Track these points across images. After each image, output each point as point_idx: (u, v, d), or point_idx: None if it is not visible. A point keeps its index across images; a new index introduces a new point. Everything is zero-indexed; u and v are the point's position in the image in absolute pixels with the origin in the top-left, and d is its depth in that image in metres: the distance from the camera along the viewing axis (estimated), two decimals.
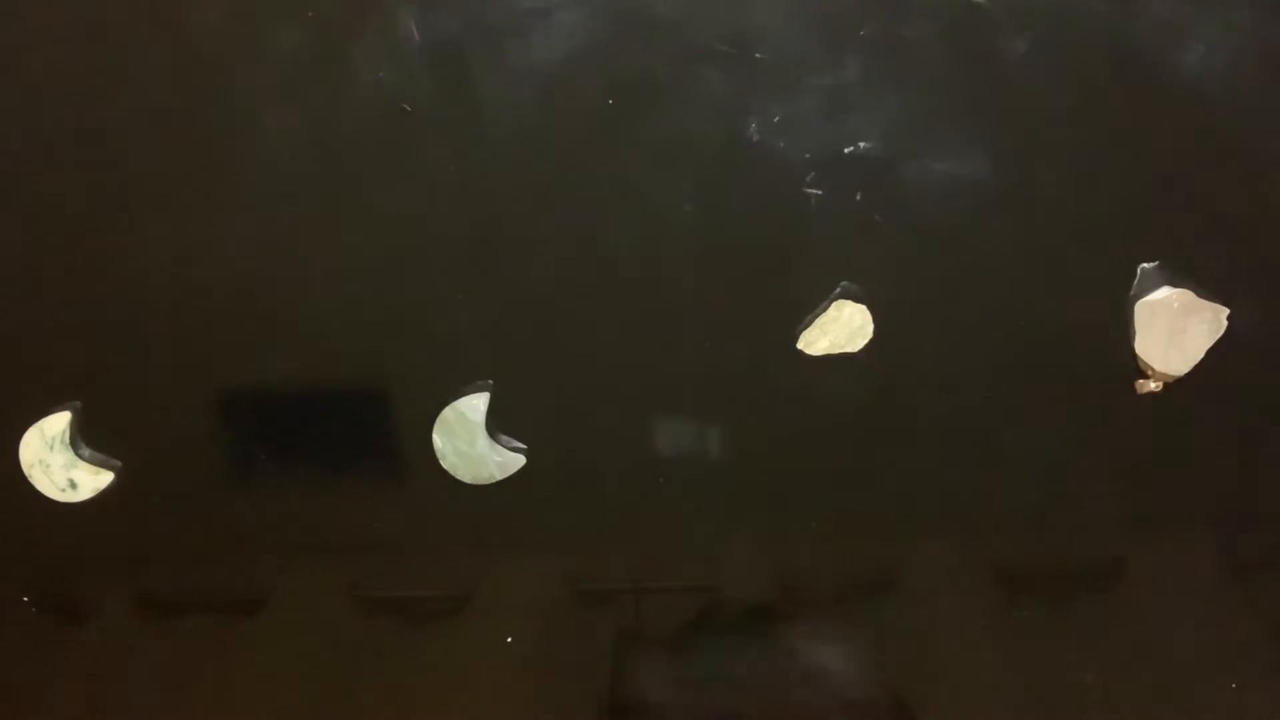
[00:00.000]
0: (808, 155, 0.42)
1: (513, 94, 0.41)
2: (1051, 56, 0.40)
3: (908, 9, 0.40)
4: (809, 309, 0.44)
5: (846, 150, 0.42)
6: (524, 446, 0.46)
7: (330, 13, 0.40)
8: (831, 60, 0.40)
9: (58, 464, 0.46)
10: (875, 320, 0.44)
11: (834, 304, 0.44)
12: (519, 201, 0.43)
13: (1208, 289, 0.43)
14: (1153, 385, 0.44)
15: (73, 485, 0.46)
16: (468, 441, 0.45)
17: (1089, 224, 0.43)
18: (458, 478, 0.46)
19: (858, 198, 0.42)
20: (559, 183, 0.42)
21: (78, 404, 0.46)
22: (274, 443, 0.47)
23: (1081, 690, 0.49)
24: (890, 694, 0.48)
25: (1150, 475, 0.46)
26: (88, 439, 0.46)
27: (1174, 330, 0.43)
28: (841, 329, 0.44)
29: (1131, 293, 0.43)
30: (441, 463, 0.46)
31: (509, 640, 0.48)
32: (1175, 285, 0.43)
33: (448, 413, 0.45)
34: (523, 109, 0.41)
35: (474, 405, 0.45)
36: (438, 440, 0.45)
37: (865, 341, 0.44)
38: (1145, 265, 0.43)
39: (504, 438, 0.46)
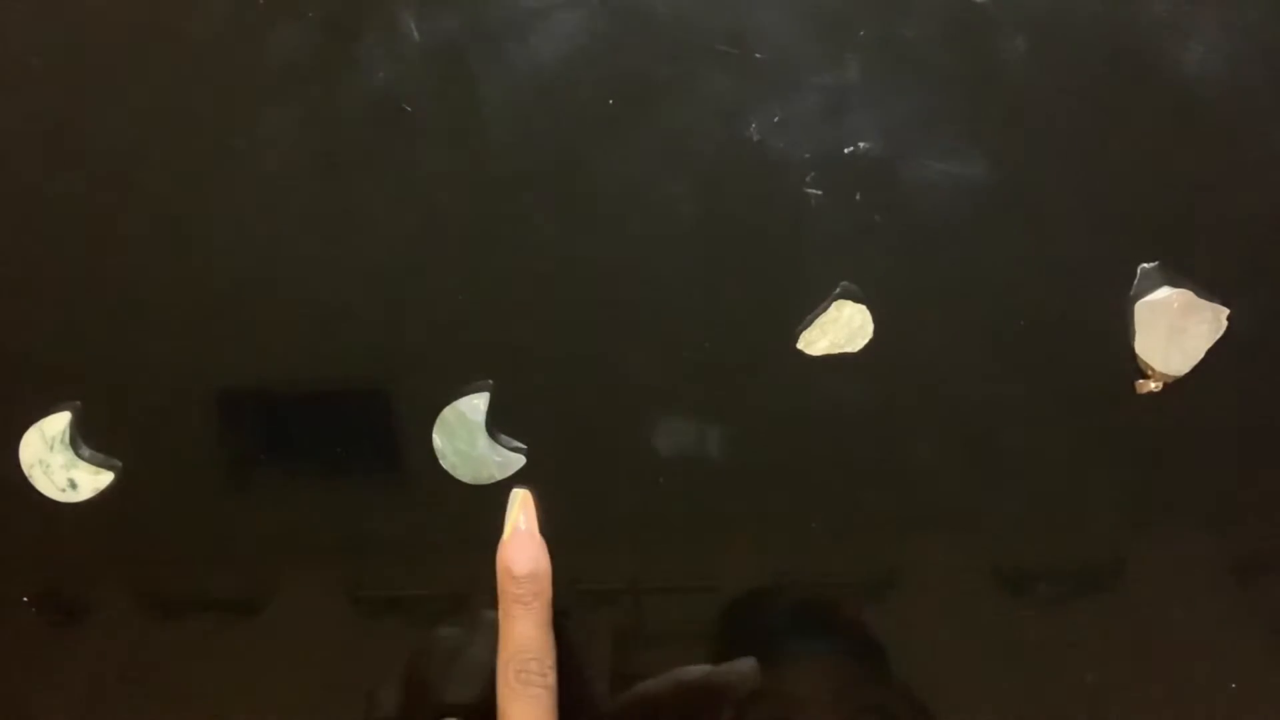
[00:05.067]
0: (808, 155, 0.42)
1: (513, 94, 0.41)
2: (1051, 56, 0.40)
3: (908, 9, 0.40)
4: (809, 309, 0.44)
5: (846, 150, 0.42)
6: (524, 446, 0.46)
7: (330, 13, 0.40)
8: (831, 60, 0.40)
9: (58, 464, 0.46)
10: (875, 320, 0.44)
11: (834, 304, 0.44)
12: (519, 201, 0.43)
13: (1208, 289, 0.43)
14: (1153, 385, 0.44)
15: (73, 485, 0.46)
16: (468, 441, 0.45)
17: (1089, 224, 0.43)
18: (458, 478, 0.46)
19: (858, 198, 0.42)
20: (559, 183, 0.42)
21: (78, 404, 0.46)
22: (274, 443, 0.47)
23: (1081, 690, 0.49)
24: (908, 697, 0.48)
25: (1150, 475, 0.46)
26: (88, 439, 0.46)
27: (1174, 330, 0.43)
28: (841, 329, 0.44)
29: (1131, 293, 0.43)
30: (441, 463, 0.46)
31: None
32: (1175, 285, 0.43)
33: (448, 413, 0.45)
34: (523, 109, 0.41)
35: (474, 405, 0.45)
36: (438, 440, 0.45)
37: (865, 341, 0.44)
38: (1145, 265, 0.43)
39: (504, 438, 0.46)
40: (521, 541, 0.45)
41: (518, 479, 0.46)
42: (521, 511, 0.45)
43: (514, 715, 0.44)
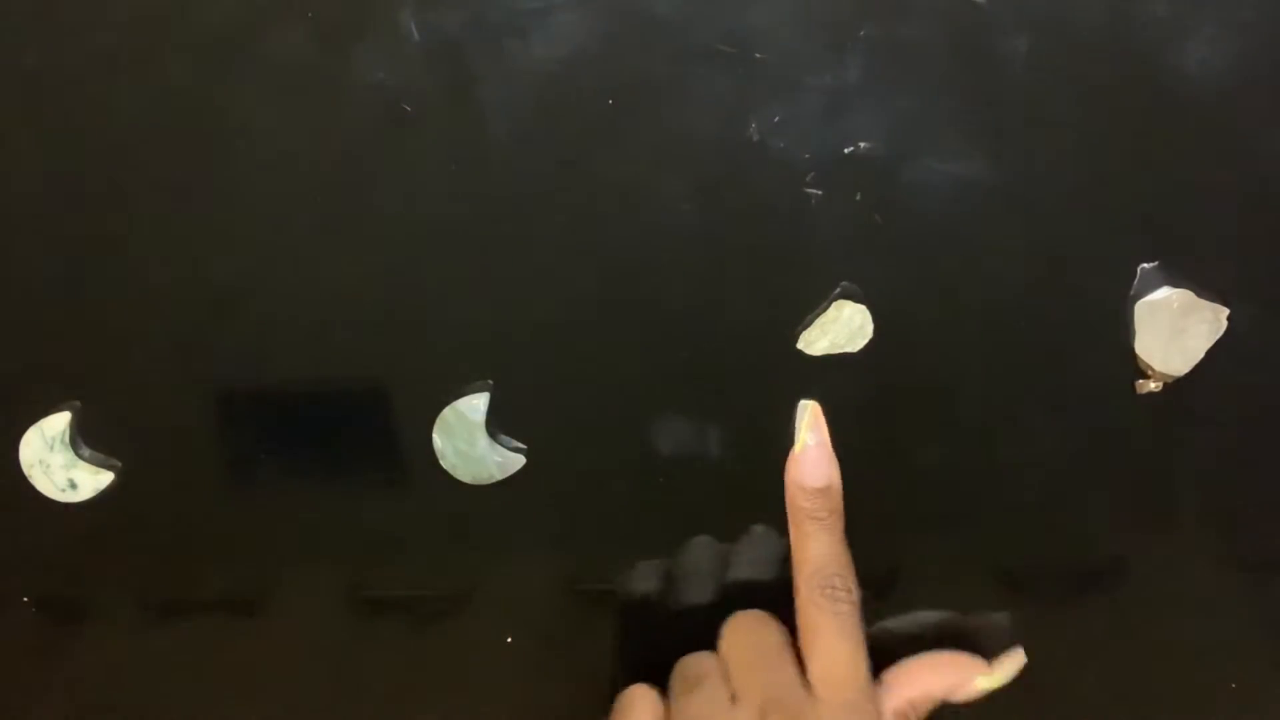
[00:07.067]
0: (808, 155, 0.42)
1: (513, 94, 0.41)
2: (1051, 56, 0.40)
3: (908, 9, 0.40)
4: (809, 309, 0.44)
5: (846, 150, 0.42)
6: (524, 446, 0.46)
7: (330, 13, 0.40)
8: (831, 60, 0.40)
9: (58, 464, 0.46)
10: (875, 320, 0.44)
11: (834, 304, 0.44)
12: (519, 202, 0.43)
13: (1208, 289, 0.43)
14: (1153, 385, 0.44)
15: (73, 485, 0.46)
16: (468, 441, 0.45)
17: (1089, 224, 0.43)
18: (458, 478, 0.46)
19: (858, 198, 0.42)
20: (559, 183, 0.42)
21: (78, 404, 0.46)
22: (274, 443, 0.47)
23: (1083, 690, 0.49)
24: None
25: (1150, 475, 0.46)
26: (88, 439, 0.46)
27: (1174, 330, 0.43)
28: (841, 329, 0.44)
29: (1131, 293, 0.43)
30: (441, 463, 0.46)
31: (509, 640, 0.49)
32: (1175, 285, 0.43)
33: (448, 413, 0.45)
34: (523, 109, 0.41)
35: (474, 405, 0.45)
36: (438, 440, 0.45)
37: (865, 341, 0.44)
38: (1145, 265, 0.43)
39: (504, 438, 0.46)
40: (815, 455, 0.43)
41: (518, 479, 0.46)
42: (813, 425, 0.43)
43: (827, 631, 0.42)
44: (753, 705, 0.41)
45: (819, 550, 0.42)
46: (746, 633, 0.44)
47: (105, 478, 0.46)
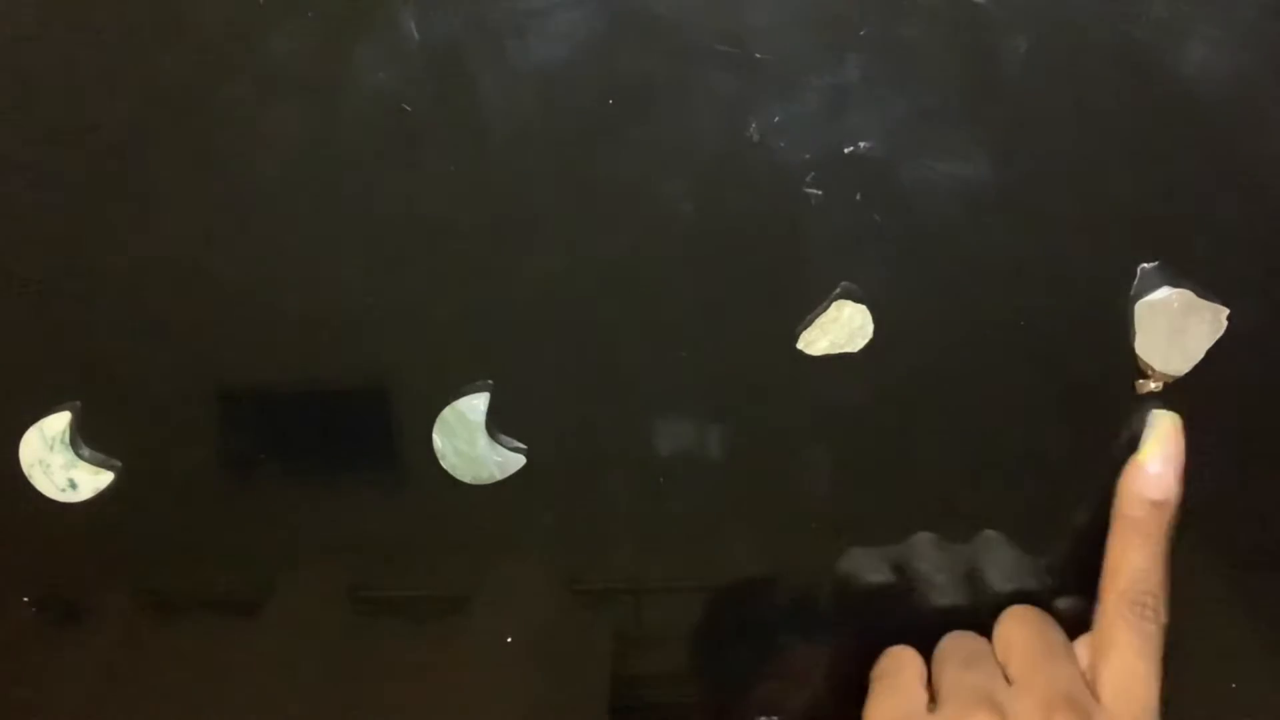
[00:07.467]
0: (808, 155, 0.42)
1: (513, 94, 0.41)
2: (1051, 56, 0.40)
3: (908, 9, 0.40)
4: (809, 309, 0.44)
5: (846, 150, 0.42)
6: (524, 446, 0.46)
7: (330, 13, 0.40)
8: (831, 60, 0.40)
9: (58, 464, 0.46)
10: (875, 320, 0.44)
11: (834, 304, 0.44)
12: (519, 201, 0.43)
13: (1208, 289, 0.43)
14: (1153, 385, 0.44)
15: (73, 485, 0.46)
16: (468, 441, 0.45)
17: (1089, 224, 0.43)
18: (458, 478, 0.46)
19: (858, 198, 0.42)
20: (559, 183, 0.42)
21: (78, 404, 0.46)
22: (274, 443, 0.47)
23: None
24: None
25: None
26: (88, 439, 0.46)
27: (1174, 330, 0.43)
28: (841, 329, 0.44)
29: (1131, 293, 0.43)
30: (441, 463, 0.46)
31: (509, 640, 0.49)
32: (1175, 285, 0.43)
33: (448, 413, 0.45)
34: (523, 109, 0.41)
35: (474, 405, 0.45)
36: (438, 440, 0.45)
37: (865, 341, 0.44)
38: (1145, 265, 0.43)
39: (504, 438, 0.46)
40: (1163, 467, 0.42)
41: (517, 479, 0.46)
42: (1169, 436, 0.42)
43: (1128, 647, 0.41)
44: (1035, 694, 0.40)
45: (1139, 564, 0.42)
46: (1030, 623, 0.44)
47: (105, 478, 0.46)
